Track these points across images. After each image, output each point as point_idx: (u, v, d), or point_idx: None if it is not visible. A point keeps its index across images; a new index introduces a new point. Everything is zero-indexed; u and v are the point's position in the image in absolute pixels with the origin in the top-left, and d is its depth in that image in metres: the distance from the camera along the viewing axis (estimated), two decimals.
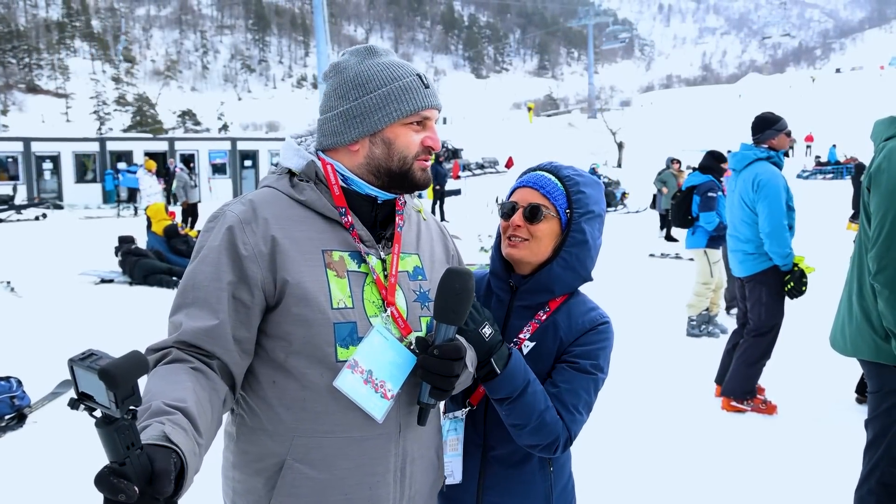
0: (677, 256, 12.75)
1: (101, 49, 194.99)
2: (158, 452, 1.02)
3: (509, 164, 41.37)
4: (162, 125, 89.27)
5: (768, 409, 5.05)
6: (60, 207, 26.90)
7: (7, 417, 5.08)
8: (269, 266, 1.41)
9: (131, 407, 0.94)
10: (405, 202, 1.63)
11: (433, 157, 1.57)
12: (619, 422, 4.76)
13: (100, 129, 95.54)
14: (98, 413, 0.95)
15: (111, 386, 0.90)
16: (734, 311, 7.53)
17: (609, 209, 23.52)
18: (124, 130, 79.32)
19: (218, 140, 33.75)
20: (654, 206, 17.88)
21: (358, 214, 1.53)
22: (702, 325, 7.31)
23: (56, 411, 5.24)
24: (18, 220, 22.46)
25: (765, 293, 4.91)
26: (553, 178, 1.77)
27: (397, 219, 1.59)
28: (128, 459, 0.95)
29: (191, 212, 17.52)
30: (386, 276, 1.52)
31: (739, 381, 5.05)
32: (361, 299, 1.47)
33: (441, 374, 1.41)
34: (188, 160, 29.53)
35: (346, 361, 1.42)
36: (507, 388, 1.61)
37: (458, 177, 24.36)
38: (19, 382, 5.27)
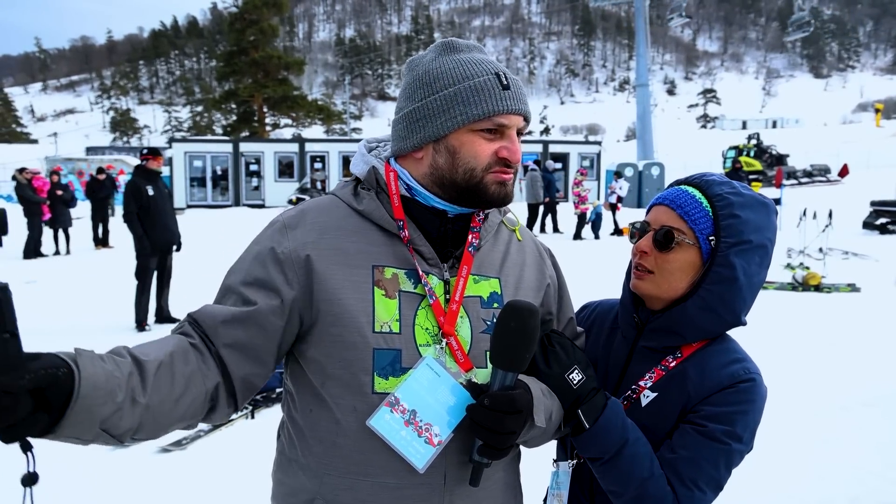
0: None
1: None
2: (42, 357, 0.91)
3: (843, 172, 36.98)
4: None
5: None
6: None
7: (278, 391, 5.29)
8: (305, 275, 1.27)
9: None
10: (484, 217, 1.39)
11: (514, 168, 1.35)
12: None
13: None
14: None
15: None
16: None
17: None
18: None
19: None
20: None
21: (424, 228, 1.35)
22: None
23: None
24: None
25: None
26: (699, 194, 1.43)
27: (470, 236, 1.36)
28: None
29: None
30: (448, 301, 1.32)
31: None
32: (412, 325, 1.28)
33: (491, 430, 1.19)
34: None
35: (383, 395, 1.25)
36: (597, 447, 1.35)
37: (781, 185, 22.49)
38: None
